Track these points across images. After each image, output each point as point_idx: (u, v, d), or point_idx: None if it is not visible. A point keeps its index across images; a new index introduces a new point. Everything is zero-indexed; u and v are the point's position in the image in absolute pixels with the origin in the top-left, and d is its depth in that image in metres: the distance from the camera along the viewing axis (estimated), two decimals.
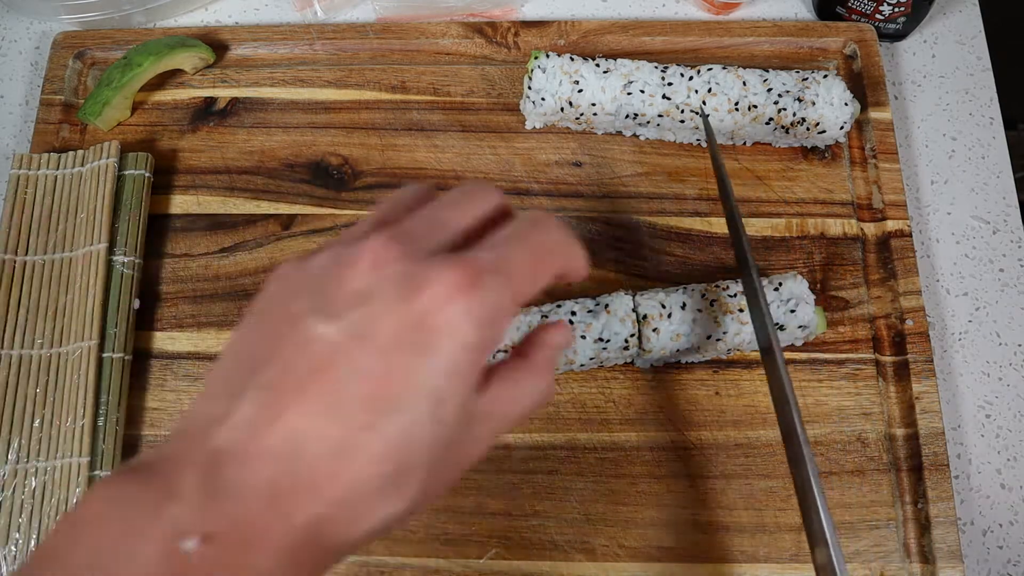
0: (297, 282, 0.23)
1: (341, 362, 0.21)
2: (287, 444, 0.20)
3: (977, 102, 0.55)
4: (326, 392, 0.20)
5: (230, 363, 0.23)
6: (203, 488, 0.20)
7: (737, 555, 0.43)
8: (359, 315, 0.21)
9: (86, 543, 0.20)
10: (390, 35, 0.55)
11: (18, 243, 0.48)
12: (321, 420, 0.20)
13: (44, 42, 0.58)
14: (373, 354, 0.21)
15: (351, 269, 0.22)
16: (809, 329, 0.44)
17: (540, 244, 0.23)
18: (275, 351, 0.21)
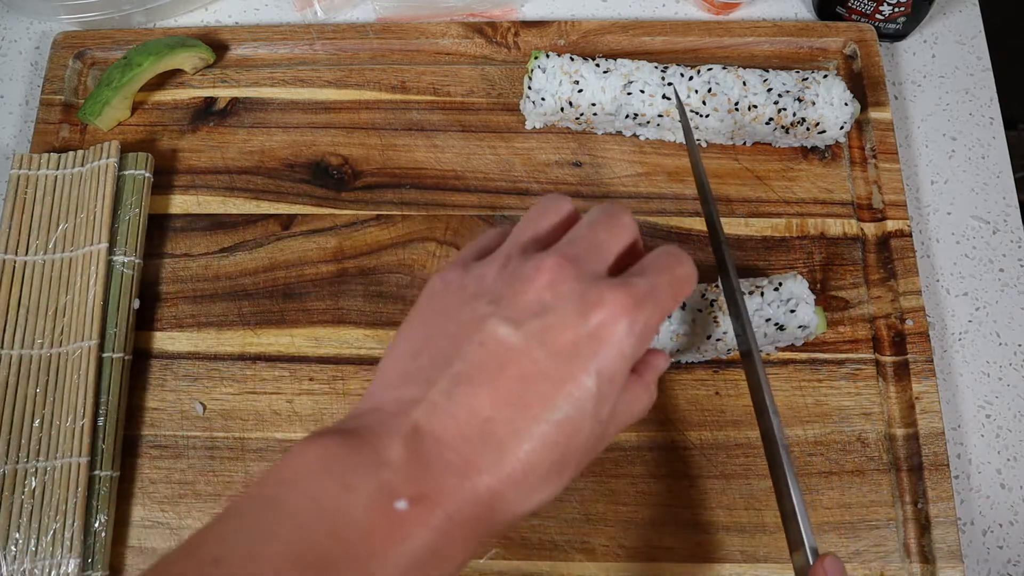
0: (473, 287, 0.27)
1: (524, 361, 0.25)
2: (477, 427, 0.24)
3: (977, 102, 0.55)
4: (511, 386, 0.24)
5: (411, 354, 0.27)
6: (408, 458, 0.23)
7: (737, 555, 0.43)
8: (540, 324, 0.25)
9: (305, 491, 0.23)
10: (390, 35, 0.55)
11: (18, 243, 0.48)
12: (506, 409, 0.24)
13: (44, 42, 0.58)
14: (552, 358, 0.25)
15: (531, 284, 0.26)
16: (809, 329, 0.44)
17: (680, 276, 0.28)
18: (462, 347, 0.25)
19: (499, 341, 0.25)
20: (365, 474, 0.23)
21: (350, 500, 0.22)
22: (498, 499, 0.24)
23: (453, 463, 0.24)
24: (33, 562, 0.41)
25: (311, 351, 0.48)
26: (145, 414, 0.47)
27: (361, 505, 0.22)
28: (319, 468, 0.23)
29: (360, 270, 0.49)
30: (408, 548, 0.22)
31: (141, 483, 0.45)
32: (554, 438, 0.24)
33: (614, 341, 0.25)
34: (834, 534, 0.43)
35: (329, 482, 0.23)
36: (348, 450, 0.24)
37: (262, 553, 0.22)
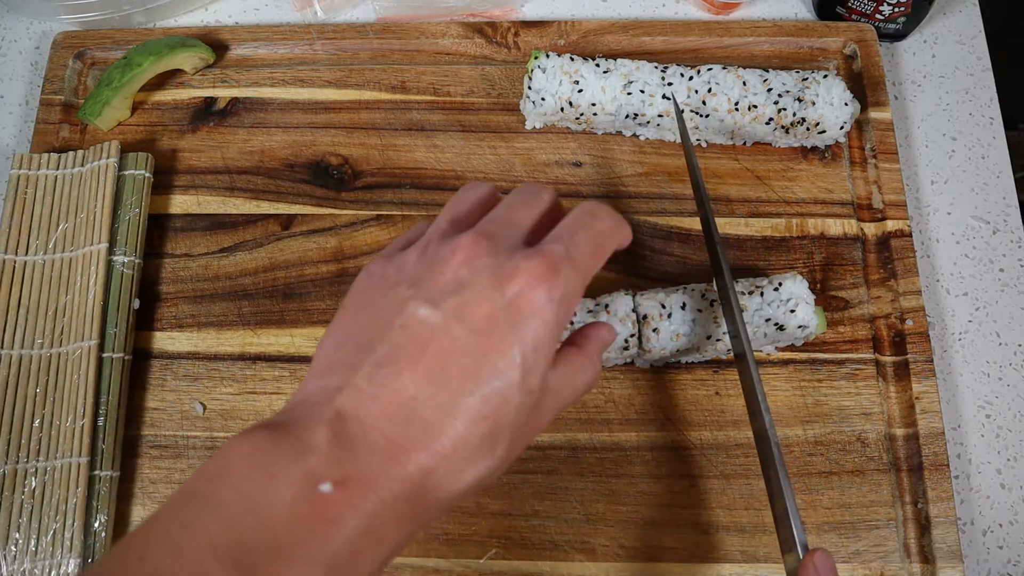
0: (395, 275, 0.28)
1: (444, 339, 0.25)
2: (401, 407, 0.24)
3: (977, 102, 0.55)
4: (432, 364, 0.24)
5: (337, 345, 0.27)
6: (332, 442, 0.23)
7: (737, 555, 0.43)
8: (457, 300, 0.25)
9: (232, 483, 0.23)
10: (390, 35, 0.55)
11: (18, 243, 0.48)
12: (429, 387, 0.24)
13: (44, 42, 0.58)
14: (471, 332, 0.25)
15: (446, 264, 0.26)
16: (809, 329, 0.44)
17: (599, 232, 0.28)
18: (384, 332, 0.25)
19: (419, 322, 0.25)
20: (289, 462, 0.23)
21: (275, 488, 0.23)
22: (428, 476, 0.24)
23: (378, 444, 0.24)
24: (33, 562, 0.41)
25: (311, 351, 0.48)
26: (145, 414, 0.47)
27: (286, 492, 0.22)
28: (245, 461, 0.23)
29: (360, 270, 0.49)
30: (336, 532, 0.22)
31: (141, 483, 0.45)
32: (480, 411, 0.24)
33: (534, 310, 0.25)
34: (834, 534, 0.43)
35: (255, 473, 0.23)
36: (273, 441, 0.24)
37: (186, 546, 0.22)
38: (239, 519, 0.22)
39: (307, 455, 0.23)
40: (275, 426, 0.24)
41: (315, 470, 0.23)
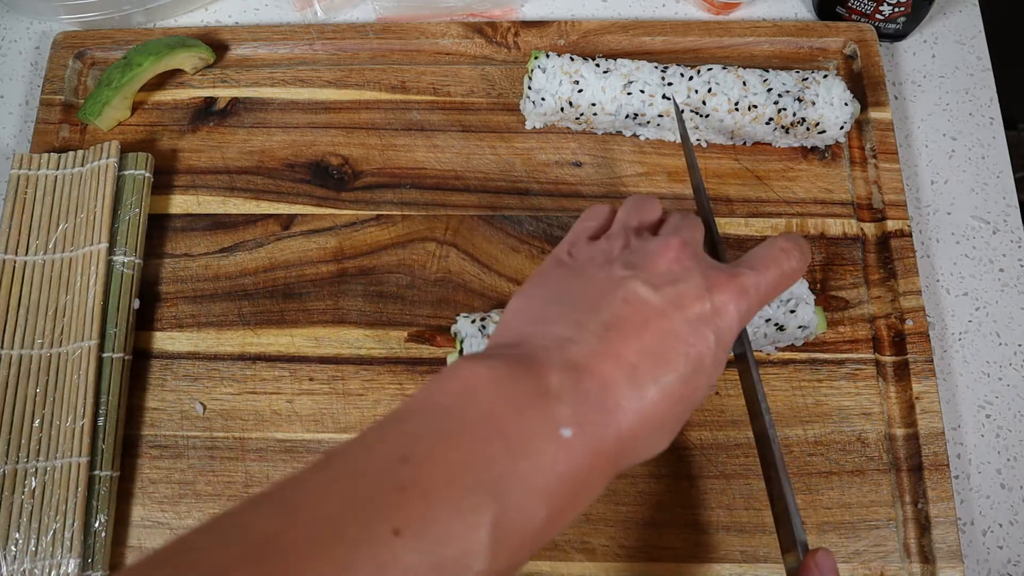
0: (603, 258, 0.31)
1: (663, 320, 0.28)
2: (625, 371, 0.26)
3: (977, 102, 0.55)
4: (653, 340, 0.27)
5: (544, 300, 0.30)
6: (573, 390, 0.26)
7: (737, 555, 0.43)
8: (675, 290, 0.28)
9: (479, 406, 0.25)
10: (390, 35, 0.55)
11: (18, 243, 0.48)
12: (649, 359, 0.27)
13: (44, 42, 0.58)
14: (685, 321, 0.28)
15: (660, 256, 0.30)
16: (809, 329, 0.44)
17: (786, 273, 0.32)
18: (606, 300, 0.28)
19: (641, 300, 0.28)
20: (534, 400, 0.25)
21: (523, 423, 0.24)
22: (632, 440, 0.26)
23: (605, 401, 0.26)
24: (33, 562, 0.41)
25: (311, 351, 0.48)
26: (145, 414, 0.47)
27: (534, 429, 0.24)
28: (489, 386, 0.25)
29: (360, 270, 0.49)
30: (571, 474, 0.24)
31: (141, 483, 0.45)
32: (680, 392, 0.27)
33: (729, 319, 0.29)
34: (834, 534, 0.43)
35: (501, 402, 0.25)
36: (514, 373, 0.26)
37: (445, 458, 0.23)
38: (493, 443, 0.24)
39: (551, 397, 0.25)
40: (511, 359, 0.27)
41: (560, 414, 0.25)
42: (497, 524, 0.22)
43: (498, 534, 0.22)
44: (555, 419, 0.25)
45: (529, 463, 0.24)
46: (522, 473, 0.24)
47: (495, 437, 0.24)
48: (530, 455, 0.24)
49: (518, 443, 0.24)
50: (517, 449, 0.24)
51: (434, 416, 0.25)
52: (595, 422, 0.25)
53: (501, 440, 0.24)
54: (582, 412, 0.25)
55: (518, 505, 0.23)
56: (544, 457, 0.24)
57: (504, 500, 0.23)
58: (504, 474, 0.23)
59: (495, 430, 0.24)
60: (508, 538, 0.23)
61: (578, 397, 0.26)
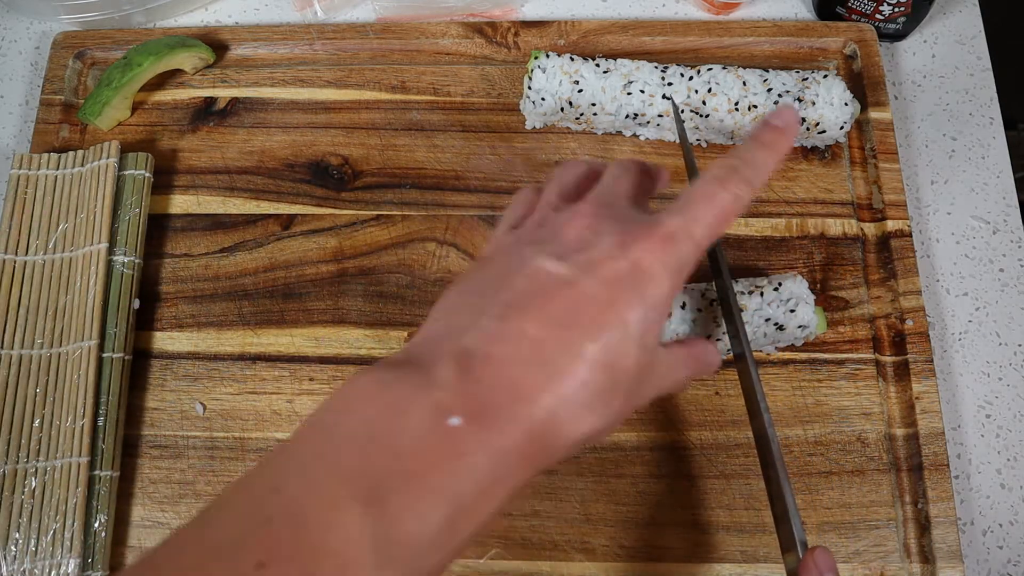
0: (517, 239, 0.29)
1: (571, 289, 0.26)
2: (529, 348, 0.24)
3: (977, 102, 0.55)
4: (560, 309, 0.25)
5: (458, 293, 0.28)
6: (461, 377, 0.24)
7: (737, 555, 0.43)
8: (584, 257, 0.26)
9: (358, 415, 0.23)
10: (390, 35, 0.55)
11: (18, 243, 0.48)
12: (557, 330, 0.25)
13: (44, 42, 0.58)
14: (598, 285, 0.26)
15: (569, 226, 0.28)
16: (809, 329, 0.44)
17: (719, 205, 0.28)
18: (509, 281, 0.26)
19: (547, 272, 0.26)
20: (418, 395, 0.23)
21: (404, 421, 0.23)
22: (552, 419, 0.24)
23: (506, 382, 0.24)
24: (33, 562, 0.41)
25: (311, 351, 0.48)
26: (145, 414, 0.47)
27: (416, 425, 0.23)
28: (372, 394, 0.24)
29: (360, 270, 0.49)
30: (465, 467, 0.23)
31: (141, 483, 0.45)
32: (603, 358, 0.25)
33: (653, 273, 0.26)
34: (834, 534, 0.43)
35: (382, 406, 0.23)
36: (398, 375, 0.24)
37: (319, 477, 0.22)
38: (369, 451, 0.23)
39: (435, 388, 0.24)
40: (399, 363, 0.25)
41: (444, 403, 0.23)
42: (379, 534, 0.21)
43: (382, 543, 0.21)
44: (440, 411, 0.23)
45: (413, 463, 0.22)
46: (405, 476, 0.22)
47: (372, 445, 0.23)
48: (412, 455, 0.23)
49: (397, 445, 0.23)
50: (397, 451, 0.23)
51: (315, 437, 0.24)
52: (494, 406, 0.24)
53: (378, 446, 0.23)
54: (474, 399, 0.24)
55: (402, 509, 0.22)
56: (429, 454, 0.23)
57: (384, 507, 0.22)
58: (383, 481, 0.22)
59: (373, 438, 0.23)
60: (397, 545, 0.22)
61: (468, 384, 0.24)
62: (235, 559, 0.21)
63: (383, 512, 0.22)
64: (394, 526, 0.22)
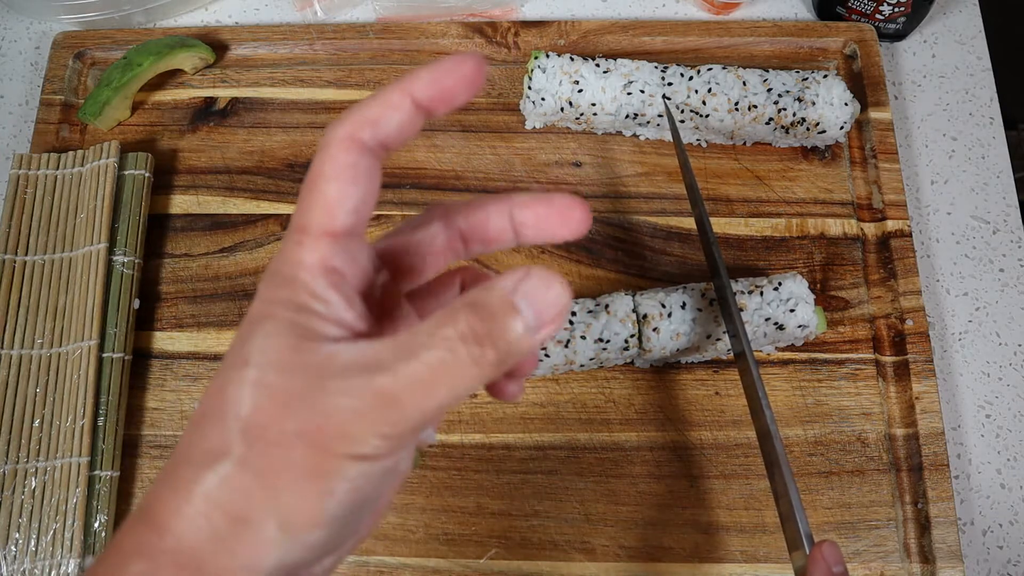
0: None
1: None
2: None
3: (977, 102, 0.55)
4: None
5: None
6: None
7: (737, 555, 0.43)
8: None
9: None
10: (390, 35, 0.55)
11: (18, 243, 0.48)
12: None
13: (44, 42, 0.58)
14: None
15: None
16: (809, 329, 0.44)
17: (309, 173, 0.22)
18: None
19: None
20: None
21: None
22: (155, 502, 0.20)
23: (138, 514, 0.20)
24: (33, 562, 0.41)
25: None
26: (145, 414, 0.47)
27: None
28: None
29: None
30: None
31: (141, 483, 0.45)
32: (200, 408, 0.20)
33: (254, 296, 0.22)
34: (834, 534, 0.43)
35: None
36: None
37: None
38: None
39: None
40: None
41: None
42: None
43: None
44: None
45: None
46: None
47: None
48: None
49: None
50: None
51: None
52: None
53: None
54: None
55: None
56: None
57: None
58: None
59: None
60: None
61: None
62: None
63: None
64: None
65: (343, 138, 0.22)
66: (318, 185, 0.22)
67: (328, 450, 0.19)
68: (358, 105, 0.22)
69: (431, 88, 0.23)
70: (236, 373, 0.20)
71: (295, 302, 0.21)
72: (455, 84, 0.23)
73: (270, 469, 0.19)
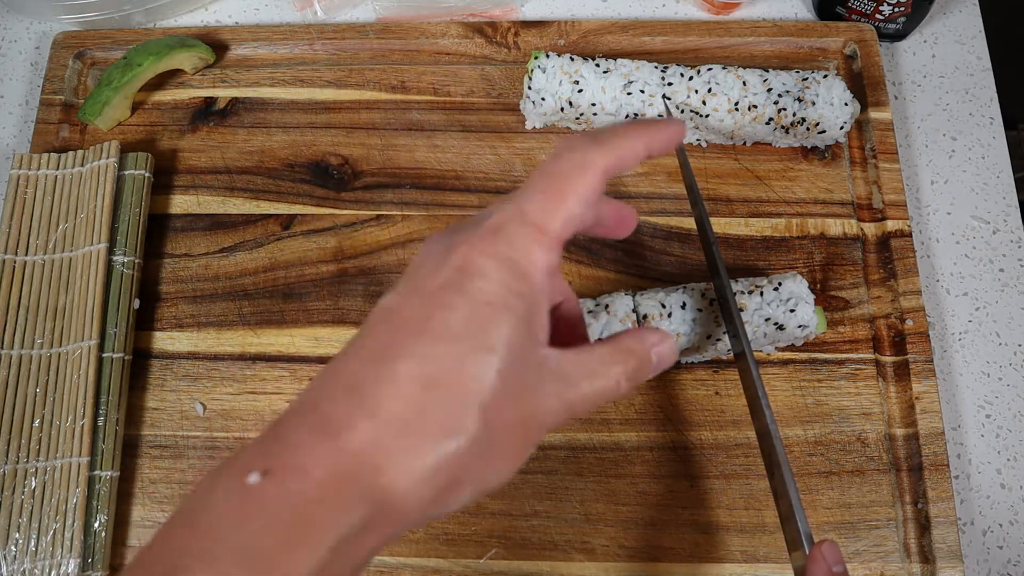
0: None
1: (394, 315, 0.24)
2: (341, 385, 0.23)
3: (977, 102, 0.55)
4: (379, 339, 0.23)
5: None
6: (265, 434, 0.23)
7: (737, 555, 0.43)
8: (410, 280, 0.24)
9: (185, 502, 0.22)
10: (390, 35, 0.55)
11: (18, 243, 0.48)
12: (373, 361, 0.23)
13: (44, 42, 0.58)
14: (421, 301, 0.23)
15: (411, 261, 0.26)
16: (809, 329, 0.44)
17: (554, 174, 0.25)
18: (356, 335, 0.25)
19: (379, 309, 0.24)
20: (228, 465, 0.22)
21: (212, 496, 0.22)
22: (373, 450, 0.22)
23: (314, 424, 0.22)
24: (33, 562, 0.41)
25: (311, 351, 0.48)
26: (145, 414, 0.47)
27: (219, 495, 0.22)
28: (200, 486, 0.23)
29: (360, 270, 0.49)
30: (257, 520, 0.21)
31: (141, 483, 0.45)
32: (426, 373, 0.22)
33: (478, 266, 0.23)
34: (834, 534, 0.43)
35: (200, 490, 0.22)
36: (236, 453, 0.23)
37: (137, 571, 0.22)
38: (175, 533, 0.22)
39: (243, 452, 0.22)
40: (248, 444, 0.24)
41: (244, 464, 0.22)
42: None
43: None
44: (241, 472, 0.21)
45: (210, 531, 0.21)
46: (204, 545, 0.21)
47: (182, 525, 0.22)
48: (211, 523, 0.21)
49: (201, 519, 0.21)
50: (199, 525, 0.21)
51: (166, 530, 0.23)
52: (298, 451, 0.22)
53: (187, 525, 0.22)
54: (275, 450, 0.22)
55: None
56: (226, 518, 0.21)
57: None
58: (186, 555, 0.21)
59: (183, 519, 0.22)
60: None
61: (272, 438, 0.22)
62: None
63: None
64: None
65: (603, 168, 0.25)
66: (567, 197, 0.24)
67: (529, 439, 0.24)
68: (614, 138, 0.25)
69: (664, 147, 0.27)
70: (481, 357, 0.23)
71: (530, 301, 0.24)
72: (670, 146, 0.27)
73: (491, 449, 0.23)
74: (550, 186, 0.25)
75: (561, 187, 0.24)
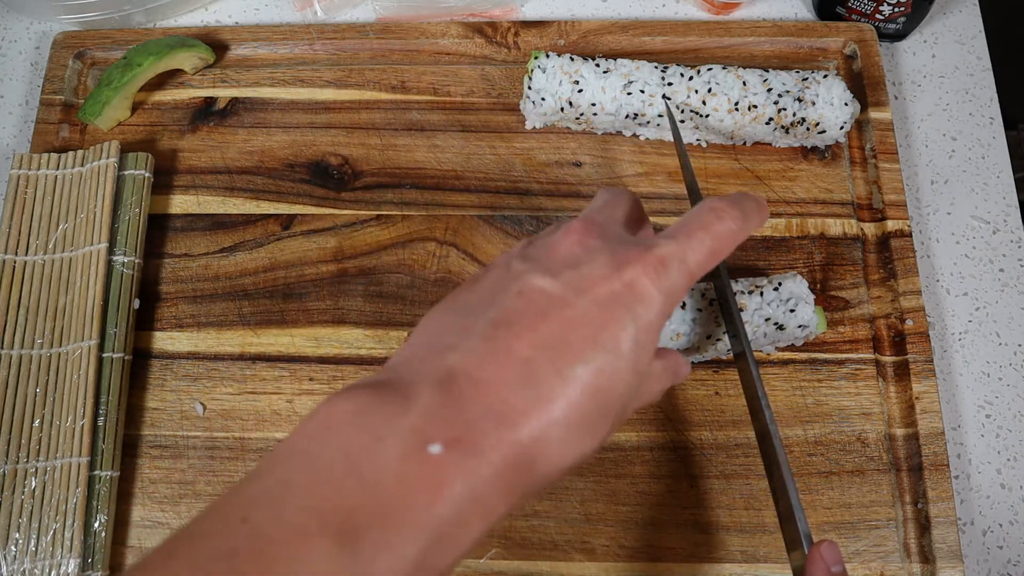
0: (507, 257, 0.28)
1: (563, 307, 0.25)
2: (517, 368, 0.23)
3: (977, 102, 0.55)
4: (552, 329, 0.24)
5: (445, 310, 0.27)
6: (443, 401, 0.23)
7: (737, 555, 0.43)
8: (576, 274, 0.26)
9: (334, 444, 0.22)
10: (390, 35, 0.55)
11: (18, 243, 0.48)
12: (548, 351, 0.24)
13: (44, 42, 0.58)
14: (591, 305, 0.25)
15: (559, 244, 0.27)
16: (809, 329, 0.44)
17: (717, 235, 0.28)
18: (499, 297, 0.25)
19: (538, 290, 0.25)
20: (396, 421, 0.22)
21: (381, 450, 0.22)
22: (540, 445, 0.23)
23: (491, 405, 0.23)
24: (33, 562, 0.41)
25: (311, 351, 0.48)
26: (145, 414, 0.47)
27: (392, 453, 0.22)
28: (348, 419, 0.23)
29: (360, 270, 0.49)
30: (444, 497, 0.21)
31: (141, 483, 0.45)
32: (595, 382, 0.24)
33: (648, 294, 0.26)
34: (834, 534, 0.43)
35: (358, 433, 0.22)
36: (379, 399, 0.23)
37: (288, 509, 0.21)
38: (343, 482, 0.21)
39: (414, 414, 0.22)
40: (379, 384, 0.24)
41: (424, 430, 0.22)
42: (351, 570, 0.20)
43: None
44: (419, 439, 0.22)
45: (389, 496, 0.21)
46: (381, 510, 0.21)
47: (346, 476, 0.21)
48: (388, 487, 0.21)
49: (372, 476, 0.21)
50: (372, 483, 0.21)
51: (286, 464, 0.22)
52: (476, 432, 0.22)
53: (353, 478, 0.21)
54: (455, 424, 0.22)
55: (376, 545, 0.21)
56: (406, 486, 0.21)
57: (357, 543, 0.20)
58: (355, 515, 0.21)
59: (348, 466, 0.22)
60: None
61: (451, 408, 0.23)
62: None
63: (356, 548, 0.20)
64: (367, 562, 0.20)
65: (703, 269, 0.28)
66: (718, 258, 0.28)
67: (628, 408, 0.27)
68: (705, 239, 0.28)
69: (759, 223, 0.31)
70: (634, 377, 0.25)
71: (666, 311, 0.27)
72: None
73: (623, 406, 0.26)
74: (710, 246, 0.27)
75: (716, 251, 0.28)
